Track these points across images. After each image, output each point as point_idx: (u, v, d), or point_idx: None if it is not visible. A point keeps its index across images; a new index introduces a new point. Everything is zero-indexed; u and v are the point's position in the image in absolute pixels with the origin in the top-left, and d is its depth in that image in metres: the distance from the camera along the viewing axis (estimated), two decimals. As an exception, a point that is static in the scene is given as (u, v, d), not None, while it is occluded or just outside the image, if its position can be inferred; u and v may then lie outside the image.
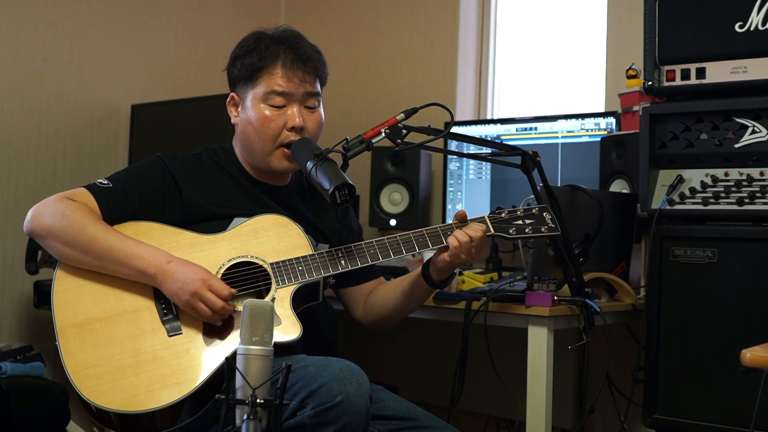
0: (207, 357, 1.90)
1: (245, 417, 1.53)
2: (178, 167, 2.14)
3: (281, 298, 1.97)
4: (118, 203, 2.05)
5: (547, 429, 2.19)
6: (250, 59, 2.13)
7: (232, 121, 2.21)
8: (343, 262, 2.05)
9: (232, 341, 1.91)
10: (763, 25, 2.21)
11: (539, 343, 2.20)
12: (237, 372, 1.56)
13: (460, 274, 2.52)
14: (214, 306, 1.90)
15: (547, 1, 3.63)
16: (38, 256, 3.13)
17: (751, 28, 2.22)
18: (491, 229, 2.08)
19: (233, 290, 1.94)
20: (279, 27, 2.19)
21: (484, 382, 2.61)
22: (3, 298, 3.35)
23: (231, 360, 1.60)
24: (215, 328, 1.94)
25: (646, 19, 2.37)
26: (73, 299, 1.97)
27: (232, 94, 2.20)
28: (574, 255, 2.23)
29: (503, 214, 2.11)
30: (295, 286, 2.00)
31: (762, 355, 1.61)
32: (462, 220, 2.09)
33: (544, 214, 2.11)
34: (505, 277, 2.57)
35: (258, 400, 1.53)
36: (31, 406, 2.86)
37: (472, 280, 2.50)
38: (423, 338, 3.29)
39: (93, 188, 2.06)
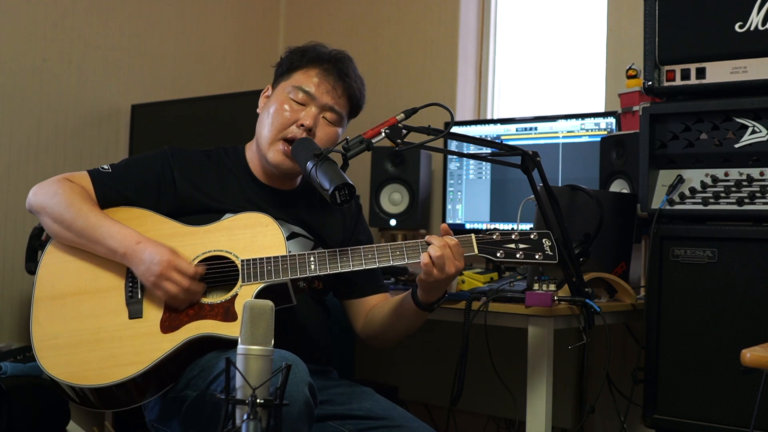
0: (160, 343, 1.94)
1: (245, 417, 1.53)
2: (179, 161, 2.18)
3: (243, 295, 1.97)
4: (114, 188, 2.12)
5: (547, 429, 2.19)
6: (294, 56, 2.21)
7: (258, 110, 2.25)
8: (312, 266, 2.01)
9: (188, 330, 1.95)
10: (763, 25, 2.21)
11: (539, 343, 2.20)
12: (237, 372, 1.56)
13: (461, 274, 2.51)
14: (181, 284, 1.94)
15: (547, 2, 3.63)
16: (38, 255, 3.12)
17: (751, 28, 2.22)
18: (475, 250, 2.01)
19: (199, 269, 1.98)
20: (339, 50, 2.23)
21: (484, 382, 2.61)
22: (3, 298, 3.35)
23: (231, 360, 1.60)
24: (173, 316, 1.97)
25: (646, 19, 2.37)
26: (56, 273, 2.06)
27: (268, 86, 2.27)
28: (574, 255, 2.23)
29: (494, 236, 2.03)
30: (260, 284, 1.99)
31: (762, 355, 1.61)
32: (445, 234, 2.02)
33: (544, 240, 2.02)
34: (505, 277, 2.57)
35: (258, 400, 1.53)
36: (31, 406, 2.86)
37: (472, 280, 2.50)
38: (423, 338, 3.29)
39: (93, 172, 2.15)
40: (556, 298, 2.19)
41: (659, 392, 2.32)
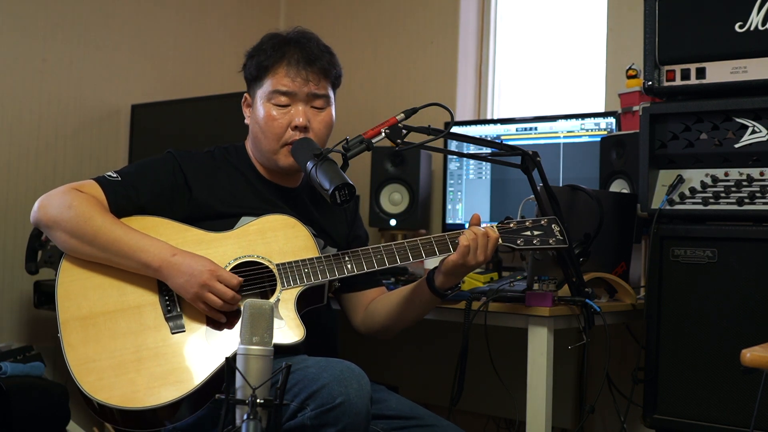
0: (208, 356, 1.90)
1: (245, 417, 1.53)
2: (189, 164, 2.13)
3: (286, 299, 1.97)
4: (127, 196, 2.05)
5: (547, 429, 2.19)
6: (259, 58, 2.15)
7: (245, 121, 2.22)
8: (349, 265, 2.04)
9: (235, 340, 1.90)
10: (763, 25, 2.21)
11: (539, 343, 2.20)
12: (237, 372, 1.56)
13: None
14: (224, 296, 1.90)
15: (547, 2, 3.63)
16: (38, 256, 3.13)
17: (751, 28, 2.22)
18: (499, 240, 2.06)
19: (241, 279, 1.94)
20: (295, 28, 2.20)
21: (484, 382, 2.61)
22: (3, 298, 3.35)
23: (231, 360, 1.60)
24: (218, 326, 1.94)
25: (646, 19, 2.37)
26: (78, 292, 1.96)
27: (245, 94, 2.22)
28: (574, 255, 2.23)
29: (512, 225, 2.09)
30: (300, 288, 1.99)
31: (762, 355, 1.61)
32: (476, 224, 2.07)
33: (553, 226, 2.09)
34: (505, 277, 2.56)
35: (258, 400, 1.53)
36: (31, 406, 2.87)
37: (472, 280, 2.50)
38: (423, 338, 3.29)
39: (102, 180, 2.06)
40: (556, 298, 2.19)
41: (659, 392, 2.32)
